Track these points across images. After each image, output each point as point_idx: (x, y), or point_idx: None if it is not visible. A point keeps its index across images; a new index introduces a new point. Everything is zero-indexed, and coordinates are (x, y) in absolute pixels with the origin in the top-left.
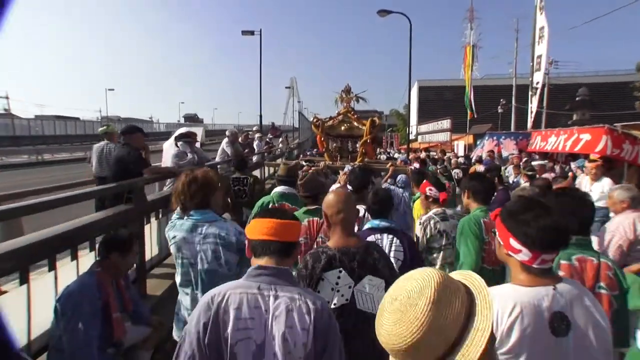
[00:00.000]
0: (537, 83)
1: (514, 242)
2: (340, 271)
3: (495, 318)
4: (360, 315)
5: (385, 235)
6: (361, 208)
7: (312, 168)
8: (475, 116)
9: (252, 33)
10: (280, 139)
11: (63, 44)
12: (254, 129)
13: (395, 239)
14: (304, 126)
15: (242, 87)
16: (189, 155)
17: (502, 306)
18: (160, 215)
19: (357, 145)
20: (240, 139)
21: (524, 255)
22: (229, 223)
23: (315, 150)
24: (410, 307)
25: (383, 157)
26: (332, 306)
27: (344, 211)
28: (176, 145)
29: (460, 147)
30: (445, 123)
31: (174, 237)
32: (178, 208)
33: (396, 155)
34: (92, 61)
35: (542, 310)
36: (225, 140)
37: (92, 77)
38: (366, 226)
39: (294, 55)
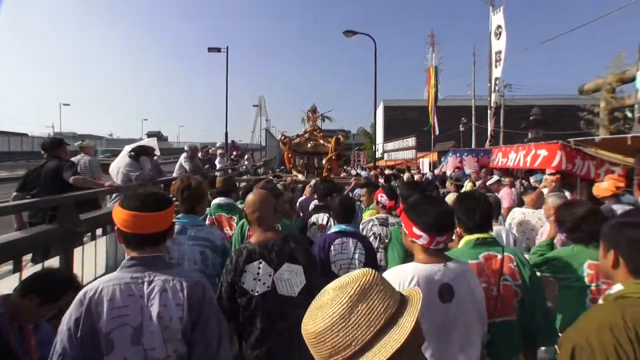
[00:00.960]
0: (495, 103)
1: (415, 230)
2: (261, 262)
3: (398, 287)
4: (282, 299)
5: (350, 239)
6: (325, 216)
7: (280, 182)
8: (437, 133)
9: (218, 50)
10: (246, 157)
11: (10, 56)
12: (217, 144)
13: (359, 243)
14: (271, 144)
15: (208, 105)
16: (146, 171)
17: (404, 278)
18: (101, 234)
19: (323, 162)
20: (200, 154)
21: (424, 239)
22: (214, 228)
23: (282, 167)
24: (332, 298)
25: (353, 172)
26: (256, 293)
27: (259, 210)
28: (135, 159)
29: (425, 164)
30: (411, 141)
31: None
32: None
33: (363, 173)
34: (45, 75)
35: (434, 281)
36: (184, 155)
37: (45, 92)
38: (333, 229)
39: (262, 75)
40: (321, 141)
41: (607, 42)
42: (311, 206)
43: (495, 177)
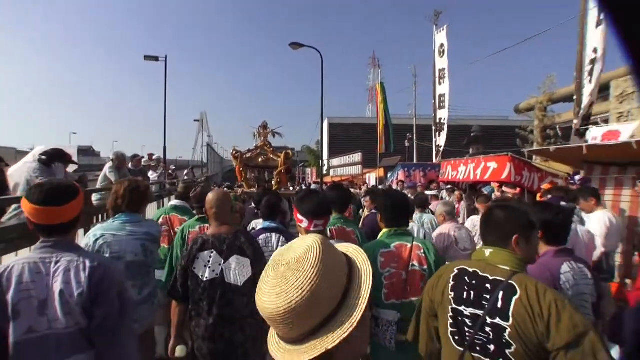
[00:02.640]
0: (442, 119)
1: (299, 216)
2: (212, 252)
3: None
4: (228, 287)
5: (274, 234)
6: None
7: (232, 193)
8: (385, 150)
9: (156, 59)
10: (185, 172)
11: None
12: (154, 157)
13: (282, 237)
14: (214, 160)
15: (146, 119)
16: (58, 178)
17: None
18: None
19: (273, 175)
20: (130, 165)
21: (305, 223)
22: (152, 222)
23: (227, 183)
24: (295, 271)
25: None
26: (205, 279)
27: (215, 207)
28: (46, 164)
29: (372, 179)
30: (357, 156)
31: (102, 235)
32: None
33: (313, 186)
34: None
35: None
36: (109, 165)
37: None
38: (259, 227)
39: (204, 91)
40: (271, 156)
41: (537, 65)
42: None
43: (433, 192)
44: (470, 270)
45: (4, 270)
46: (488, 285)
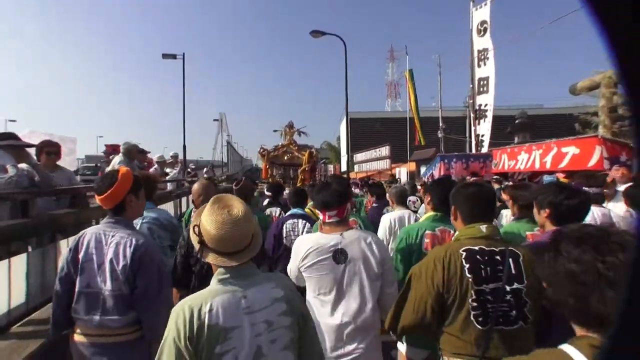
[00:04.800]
0: (486, 105)
1: (317, 209)
2: None
3: (297, 253)
4: None
5: (300, 220)
6: (277, 209)
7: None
8: (423, 143)
9: (174, 57)
10: (205, 170)
11: None
12: (171, 154)
13: (307, 223)
14: (234, 159)
15: (168, 120)
16: (11, 171)
17: (306, 243)
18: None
19: (298, 172)
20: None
21: (321, 215)
22: (162, 210)
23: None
24: (247, 220)
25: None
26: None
27: (202, 195)
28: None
29: (403, 173)
30: (384, 150)
31: None
32: None
33: None
34: None
35: (329, 247)
36: (119, 157)
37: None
38: (288, 213)
39: (222, 91)
40: (296, 154)
41: (569, 49)
42: (265, 202)
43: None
44: (477, 248)
45: (80, 235)
46: (498, 257)
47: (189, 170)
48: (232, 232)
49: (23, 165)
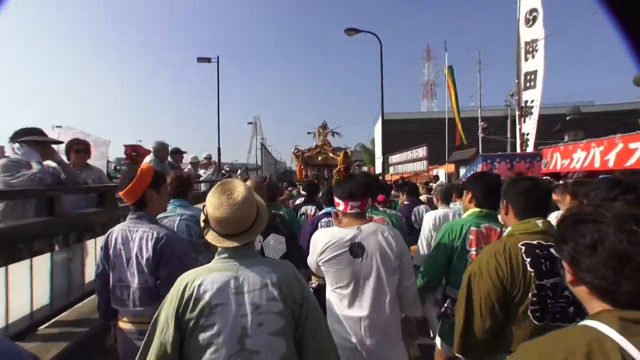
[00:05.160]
0: (532, 101)
1: (336, 199)
2: None
3: (316, 246)
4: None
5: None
6: (312, 207)
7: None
8: (465, 142)
9: (208, 60)
10: (239, 171)
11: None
12: (204, 155)
13: None
14: (268, 161)
15: (203, 125)
16: (36, 167)
17: (323, 238)
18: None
19: (333, 172)
20: (170, 159)
21: (341, 206)
22: (197, 208)
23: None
24: (249, 201)
25: None
26: None
27: (256, 191)
28: (13, 149)
29: (442, 175)
30: (421, 151)
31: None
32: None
33: None
34: (38, 98)
35: (346, 241)
36: (149, 157)
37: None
38: (322, 212)
39: (256, 94)
40: (330, 155)
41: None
42: (298, 200)
43: None
44: (535, 242)
45: (109, 233)
46: (555, 253)
47: (223, 172)
48: (230, 215)
49: (49, 162)
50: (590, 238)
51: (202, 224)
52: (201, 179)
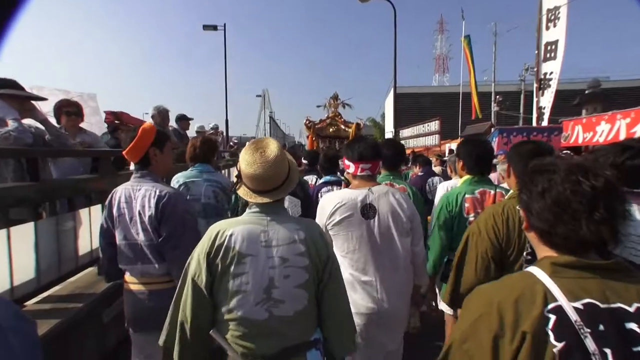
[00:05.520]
0: (551, 73)
1: (347, 162)
2: None
3: (326, 208)
4: None
5: (335, 186)
6: (314, 177)
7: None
8: (480, 116)
9: (214, 28)
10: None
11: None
12: (211, 125)
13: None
14: (277, 135)
15: (211, 98)
16: (12, 124)
17: (333, 200)
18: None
19: (345, 144)
20: (177, 126)
21: (352, 168)
22: (221, 175)
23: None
24: (282, 160)
25: None
26: None
27: None
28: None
29: (454, 149)
30: (434, 125)
31: (185, 182)
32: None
33: None
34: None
35: (357, 202)
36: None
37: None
38: (320, 181)
39: (265, 67)
40: (342, 126)
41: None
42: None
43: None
44: None
45: (113, 193)
46: None
47: (230, 144)
48: (262, 173)
49: (29, 121)
50: (541, 186)
51: (234, 178)
52: None
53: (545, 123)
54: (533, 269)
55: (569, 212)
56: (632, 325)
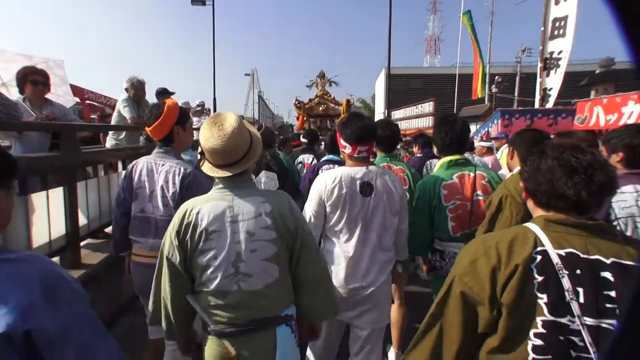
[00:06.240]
0: (560, 52)
1: (342, 142)
2: None
3: (324, 183)
4: None
5: (336, 166)
6: (310, 156)
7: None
8: (481, 96)
9: (203, 3)
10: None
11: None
12: (197, 102)
13: None
14: (266, 115)
15: (198, 76)
16: None
17: (331, 177)
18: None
19: (335, 122)
20: (156, 100)
21: (348, 149)
22: (194, 153)
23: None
24: (241, 132)
25: None
26: None
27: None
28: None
29: None
30: (427, 106)
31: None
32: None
33: None
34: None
35: (355, 179)
36: (123, 97)
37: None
38: (323, 159)
39: (255, 49)
40: (331, 104)
41: None
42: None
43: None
44: None
45: (134, 164)
46: None
47: None
48: (221, 146)
49: None
50: (537, 162)
51: (197, 155)
52: (193, 127)
53: (550, 105)
54: (528, 224)
55: (555, 175)
56: (606, 274)
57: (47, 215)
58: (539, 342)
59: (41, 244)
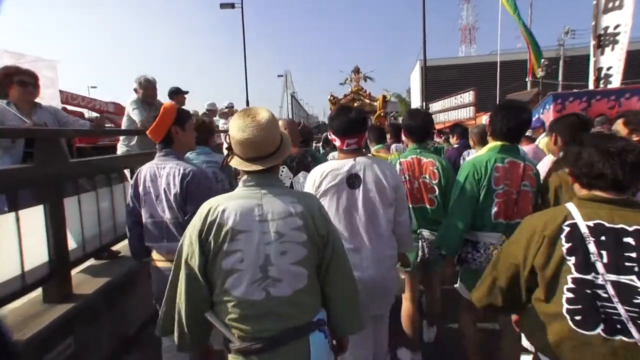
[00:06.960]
0: (616, 27)
1: (332, 135)
2: (284, 167)
3: (313, 179)
4: None
5: None
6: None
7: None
8: (537, 76)
9: (232, 6)
10: None
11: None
12: (225, 104)
13: None
14: (300, 115)
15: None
16: None
17: (319, 170)
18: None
19: (372, 118)
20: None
21: (338, 142)
22: (220, 155)
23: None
24: (273, 125)
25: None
26: None
27: (287, 130)
28: None
29: None
30: (467, 96)
31: None
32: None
33: None
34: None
35: (343, 172)
36: (132, 99)
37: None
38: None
39: (287, 50)
40: (367, 100)
41: None
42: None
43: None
44: None
45: (138, 172)
46: None
47: None
48: (254, 136)
49: None
50: (579, 150)
51: (225, 151)
52: (220, 129)
53: (613, 85)
54: (567, 204)
55: (594, 159)
56: (629, 239)
57: (17, 242)
58: (570, 295)
59: (6, 278)
